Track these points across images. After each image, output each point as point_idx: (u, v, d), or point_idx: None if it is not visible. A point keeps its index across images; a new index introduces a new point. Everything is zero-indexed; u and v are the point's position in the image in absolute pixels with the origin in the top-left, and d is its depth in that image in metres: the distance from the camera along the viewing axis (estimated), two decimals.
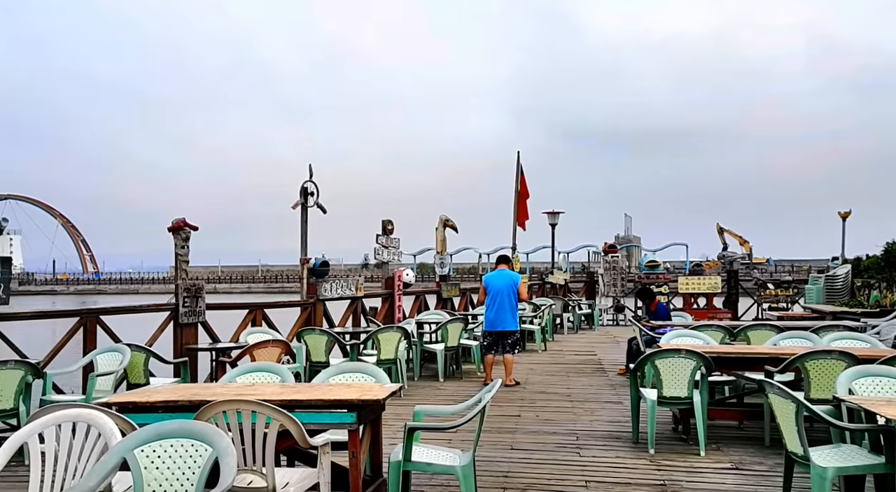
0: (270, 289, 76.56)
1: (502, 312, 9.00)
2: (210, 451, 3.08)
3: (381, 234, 11.79)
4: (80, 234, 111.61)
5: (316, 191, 10.05)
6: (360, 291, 10.98)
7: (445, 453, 4.18)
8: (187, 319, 8.41)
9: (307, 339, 8.59)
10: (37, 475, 3.32)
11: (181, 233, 8.29)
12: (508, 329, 9.02)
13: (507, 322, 9.00)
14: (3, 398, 5.96)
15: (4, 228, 16.30)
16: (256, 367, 5.28)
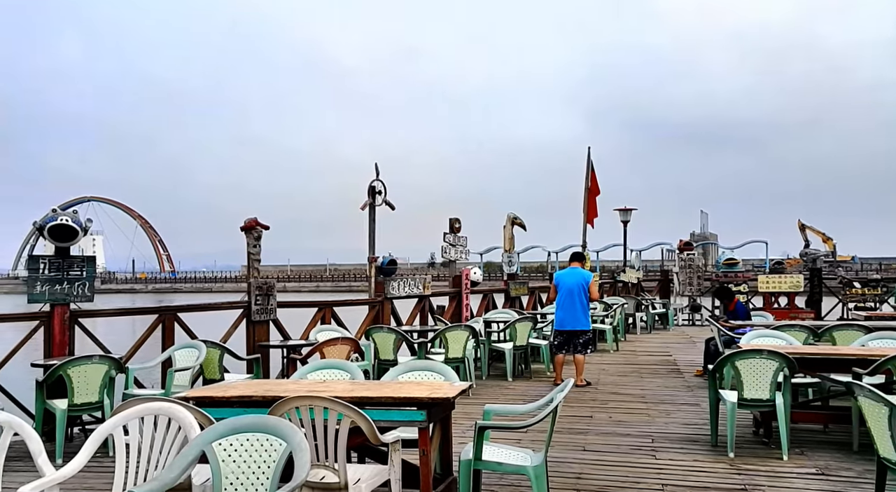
0: (338, 287, 78.13)
1: (573, 311, 8.91)
2: (284, 446, 3.17)
3: (448, 232, 11.84)
4: (157, 234, 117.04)
5: (383, 189, 10.19)
6: (428, 289, 11.06)
7: (516, 453, 4.16)
8: (259, 317, 8.68)
9: (375, 337, 8.73)
10: (121, 466, 3.50)
11: (253, 232, 8.56)
12: (579, 328, 8.92)
13: (578, 321, 8.91)
14: (89, 391, 6.30)
15: (89, 229, 17.43)
16: (327, 364, 5.39)
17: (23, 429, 3.52)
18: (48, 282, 6.93)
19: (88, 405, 6.31)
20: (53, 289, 6.95)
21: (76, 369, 6.21)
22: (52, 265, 6.95)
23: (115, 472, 3.45)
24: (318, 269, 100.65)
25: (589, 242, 15.93)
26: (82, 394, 6.24)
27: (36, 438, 3.53)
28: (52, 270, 6.95)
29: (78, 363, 6.25)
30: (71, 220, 6.73)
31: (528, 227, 14.04)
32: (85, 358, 6.38)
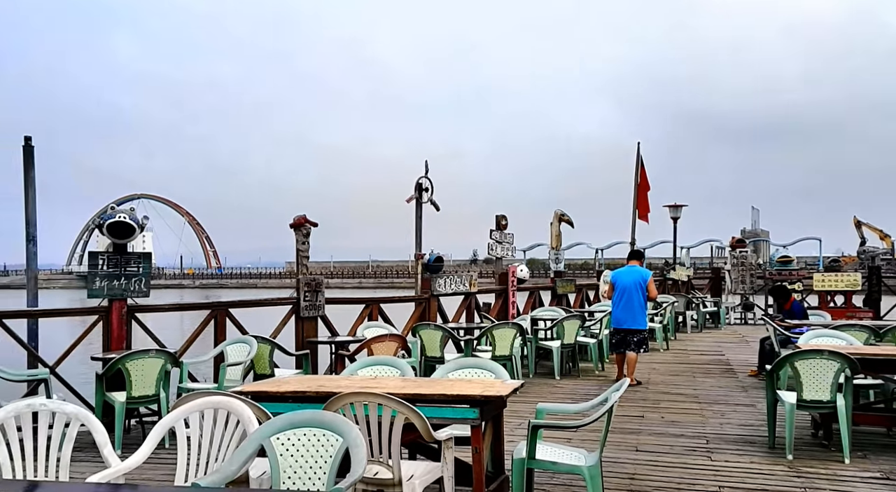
0: (380, 284, 78.86)
1: (629, 310, 8.85)
2: (341, 441, 3.22)
3: (494, 229, 11.83)
4: (204, 231, 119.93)
5: (430, 187, 10.24)
6: (474, 286, 11.08)
7: (570, 452, 4.14)
8: (308, 313, 8.82)
9: (422, 334, 8.78)
10: (183, 457, 3.61)
11: (302, 229, 8.70)
12: (636, 328, 8.86)
13: (634, 320, 8.85)
14: (145, 385, 6.49)
15: (145, 226, 17.84)
16: (377, 361, 5.45)
17: (89, 421, 3.66)
18: (106, 277, 7.17)
19: (145, 398, 6.51)
20: (112, 284, 7.19)
21: (134, 362, 6.41)
22: (110, 261, 7.19)
23: (176, 464, 3.56)
24: (361, 265, 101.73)
25: (637, 239, 15.75)
26: (140, 387, 6.44)
27: (102, 430, 3.67)
28: (110, 266, 7.18)
29: (136, 357, 6.45)
30: (128, 217, 6.94)
31: (573, 224, 13.92)
32: (142, 352, 6.58)
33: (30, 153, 7.50)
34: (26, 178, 7.47)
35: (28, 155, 7.49)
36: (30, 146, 7.49)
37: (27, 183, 7.48)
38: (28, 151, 7.49)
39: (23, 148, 7.47)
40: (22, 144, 7.46)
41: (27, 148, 7.48)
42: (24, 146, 7.48)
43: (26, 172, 7.47)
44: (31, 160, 7.50)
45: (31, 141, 7.48)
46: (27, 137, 7.46)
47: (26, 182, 7.47)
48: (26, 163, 7.47)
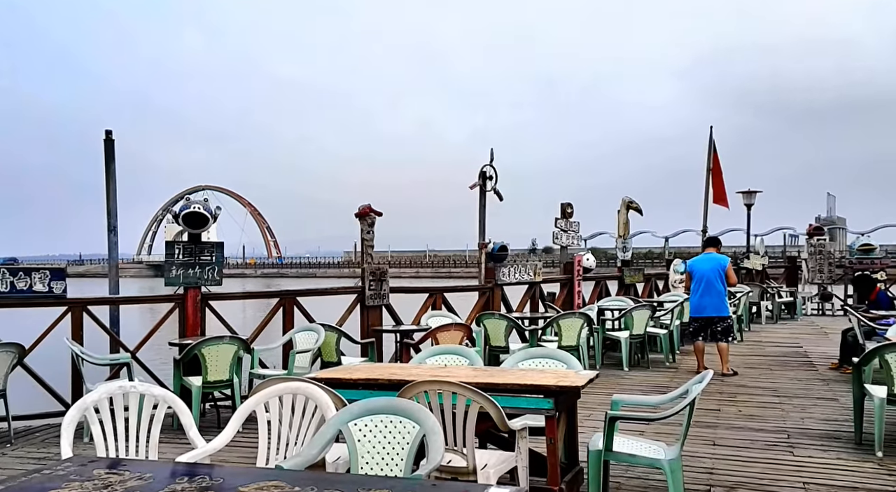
0: (438, 273, 79.25)
1: (708, 297, 8.73)
2: (417, 428, 3.27)
3: (559, 217, 11.73)
4: (265, 221, 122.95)
5: (495, 175, 10.23)
6: (539, 275, 11.03)
7: (648, 445, 4.10)
8: (373, 302, 8.96)
9: (486, 323, 8.81)
10: (264, 441, 3.74)
11: (367, 219, 8.83)
12: (717, 315, 8.73)
13: (714, 307, 8.73)
14: (219, 370, 6.75)
15: (218, 216, 18.50)
16: (445, 349, 5.50)
17: (176, 403, 3.84)
18: (182, 266, 7.46)
19: (219, 383, 6.76)
20: (187, 273, 7.48)
21: (209, 348, 6.67)
22: (185, 250, 7.47)
23: (249, 447, 3.70)
24: (418, 255, 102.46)
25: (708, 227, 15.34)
26: (214, 372, 6.69)
27: (188, 412, 3.84)
28: (185, 255, 7.47)
29: (211, 343, 6.70)
30: (202, 207, 7.20)
31: (641, 211, 13.67)
32: (217, 339, 6.84)
33: (110, 146, 7.86)
34: (107, 170, 7.83)
35: (109, 148, 7.85)
36: (110, 140, 7.85)
37: (108, 175, 7.84)
38: (109, 145, 7.85)
39: (104, 141, 7.85)
40: (103, 137, 7.82)
41: (108, 141, 7.84)
42: (105, 140, 7.85)
43: (107, 164, 7.83)
44: (111, 153, 7.86)
45: (111, 135, 7.84)
46: (108, 131, 7.82)
47: (107, 174, 7.83)
48: (107, 156, 7.83)
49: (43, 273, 7.03)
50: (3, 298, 6.81)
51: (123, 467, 2.95)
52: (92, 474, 2.82)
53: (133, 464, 3.07)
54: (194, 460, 3.40)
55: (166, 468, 3.01)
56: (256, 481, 2.68)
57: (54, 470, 2.87)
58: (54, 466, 2.93)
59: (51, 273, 7.08)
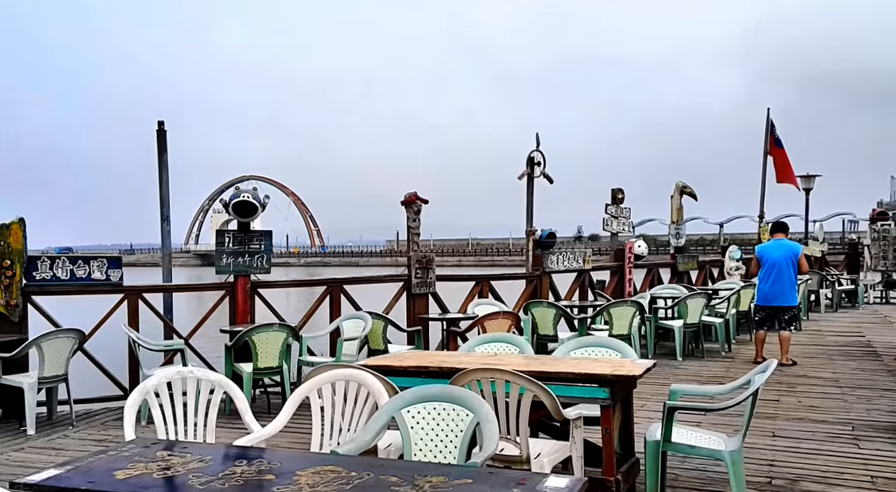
0: (481, 262, 79.21)
1: (779, 286, 8.51)
2: (471, 416, 3.29)
3: (610, 203, 11.59)
4: (308, 210, 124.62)
5: (543, 160, 10.15)
6: (588, 263, 10.92)
7: (708, 436, 4.04)
8: (419, 290, 9.00)
9: (534, 311, 8.78)
10: (317, 426, 3.81)
11: (413, 206, 8.86)
12: (786, 304, 8.53)
13: (784, 297, 8.52)
14: (269, 357, 6.89)
15: (266, 205, 18.79)
16: (495, 337, 5.50)
17: (231, 389, 3.94)
18: (232, 254, 7.63)
19: (269, 369, 6.91)
20: (237, 261, 7.65)
21: (259, 335, 6.82)
22: (235, 239, 7.64)
23: (312, 432, 3.77)
24: (460, 243, 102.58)
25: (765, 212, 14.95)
26: (264, 359, 6.84)
27: (243, 397, 3.94)
28: (235, 243, 7.63)
29: (261, 330, 6.85)
30: (251, 196, 7.34)
31: (696, 196, 13.39)
32: (266, 326, 6.99)
33: (163, 137, 8.07)
34: (160, 160, 8.05)
35: (161, 139, 8.06)
36: (163, 130, 8.06)
37: (161, 165, 8.05)
38: (161, 135, 8.06)
39: (156, 132, 8.06)
40: (156, 128, 8.04)
41: (160, 132, 8.06)
42: (158, 130, 8.06)
43: (160, 155, 8.05)
44: (164, 144, 8.07)
45: (163, 126, 8.04)
46: (160, 122, 8.03)
47: (160, 164, 8.04)
48: (160, 146, 8.04)
49: (101, 261, 7.29)
50: (63, 285, 7.09)
51: (184, 449, 3.05)
52: (155, 455, 2.91)
53: (193, 446, 3.17)
54: (250, 443, 3.49)
55: (225, 451, 3.10)
56: (313, 466, 2.73)
57: (119, 451, 2.98)
58: (119, 447, 3.04)
59: (108, 262, 7.34)
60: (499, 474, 2.72)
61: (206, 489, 2.50)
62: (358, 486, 2.50)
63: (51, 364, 6.30)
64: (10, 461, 5.34)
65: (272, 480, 2.61)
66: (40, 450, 5.67)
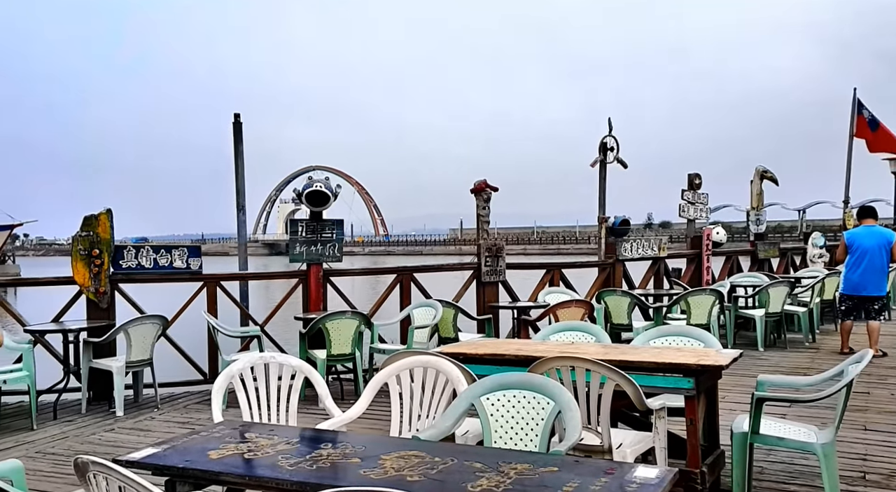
0: (546, 250, 78.63)
1: (870, 274, 8.17)
2: (552, 405, 3.28)
3: (686, 189, 11.30)
4: (372, 199, 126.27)
5: (616, 145, 9.98)
6: (664, 250, 10.70)
7: (798, 429, 3.91)
8: (489, 278, 9.01)
9: (608, 300, 8.67)
10: (396, 412, 3.89)
11: (482, 194, 8.86)
12: (876, 294, 8.20)
13: (874, 286, 8.19)
14: (343, 344, 7.04)
15: (338, 194, 19.36)
16: (570, 326, 5.46)
17: (312, 374, 4.05)
18: (305, 243, 7.82)
19: (342, 356, 7.06)
20: (310, 250, 7.84)
21: (333, 323, 6.97)
22: (308, 228, 7.82)
23: (391, 418, 3.85)
24: (525, 232, 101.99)
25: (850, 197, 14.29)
26: (338, 346, 7.00)
27: (323, 382, 4.04)
28: (308, 232, 7.82)
29: (334, 318, 7.01)
30: (324, 186, 7.50)
31: (777, 181, 12.92)
32: (339, 313, 7.14)
33: (239, 129, 8.34)
34: (236, 151, 8.32)
35: (237, 130, 8.33)
36: (238, 122, 8.33)
37: (237, 156, 8.32)
38: (237, 127, 8.34)
39: (232, 124, 8.34)
40: (232, 121, 8.31)
41: (236, 124, 8.33)
42: (234, 123, 8.34)
43: (236, 146, 8.32)
44: (240, 135, 8.34)
45: (239, 118, 8.31)
46: (236, 115, 8.31)
47: (236, 155, 8.31)
48: (236, 138, 8.31)
49: (182, 251, 7.60)
50: (147, 273, 7.44)
51: (271, 431, 3.16)
52: (244, 436, 3.03)
53: (279, 429, 3.28)
54: (332, 427, 3.58)
55: (310, 434, 3.19)
56: (397, 450, 2.79)
57: (210, 432, 3.11)
58: (209, 428, 3.18)
59: (188, 251, 7.65)
60: (585, 463, 2.70)
61: (295, 470, 2.59)
62: (443, 471, 2.54)
63: (137, 349, 6.62)
64: (102, 441, 5.65)
65: (358, 463, 2.67)
66: (129, 431, 5.98)
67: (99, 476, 2.12)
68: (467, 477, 2.45)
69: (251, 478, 2.62)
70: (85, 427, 6.09)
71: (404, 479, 2.47)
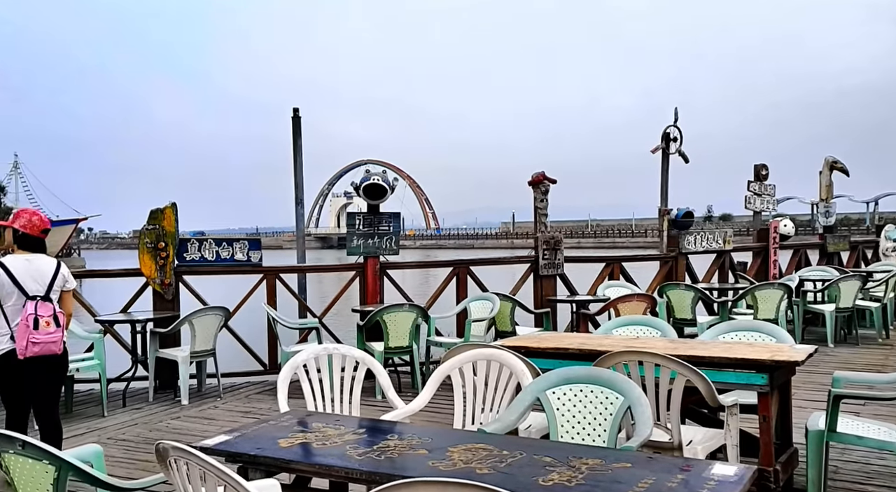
0: (601, 244, 77.57)
1: None
2: (621, 400, 3.23)
3: (752, 180, 10.99)
4: (423, 193, 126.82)
5: (679, 136, 9.76)
6: (729, 243, 10.44)
7: (877, 427, 3.77)
8: (547, 272, 8.94)
9: (670, 294, 8.52)
10: (459, 405, 3.89)
11: (540, 187, 8.79)
12: None
13: None
14: (400, 336, 7.10)
15: (395, 188, 19.72)
16: (633, 320, 5.38)
17: (375, 366, 4.09)
18: (362, 236, 7.90)
19: (399, 349, 7.12)
20: (367, 243, 7.91)
21: (390, 315, 7.04)
22: (365, 221, 7.91)
23: (454, 410, 3.86)
24: (579, 225, 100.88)
25: None
26: (395, 338, 7.06)
27: (385, 374, 4.08)
28: (365, 225, 7.90)
29: (392, 311, 7.07)
30: (381, 179, 7.57)
31: (847, 172, 12.45)
32: (397, 306, 7.20)
33: (297, 123, 8.49)
34: (295, 146, 8.47)
35: (296, 125, 8.48)
36: (297, 117, 8.49)
37: (295, 150, 8.47)
38: (296, 122, 8.49)
39: (291, 119, 8.51)
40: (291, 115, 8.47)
41: (295, 119, 8.49)
42: (293, 117, 8.51)
43: (295, 140, 8.47)
44: (298, 130, 8.49)
45: (298, 112, 8.46)
46: (295, 109, 8.46)
47: (295, 150, 8.46)
48: (294, 132, 8.46)
49: (242, 243, 7.79)
50: (209, 265, 7.65)
51: (337, 421, 3.21)
52: (311, 426, 3.09)
53: (344, 419, 3.32)
54: (398, 418, 3.61)
55: (375, 425, 3.23)
56: (463, 443, 2.79)
57: (279, 421, 3.18)
58: (278, 417, 3.25)
59: (249, 243, 7.84)
60: (659, 459, 2.66)
61: (364, 460, 2.63)
62: (512, 464, 2.54)
63: (201, 339, 6.82)
64: (169, 428, 5.85)
65: (425, 454, 2.69)
66: (194, 419, 6.17)
67: (180, 461, 2.19)
68: (538, 471, 2.44)
69: (321, 467, 2.66)
70: (153, 415, 6.31)
71: (473, 471, 2.47)
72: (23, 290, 4.22)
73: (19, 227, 4.35)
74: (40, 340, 4.20)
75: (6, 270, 4.22)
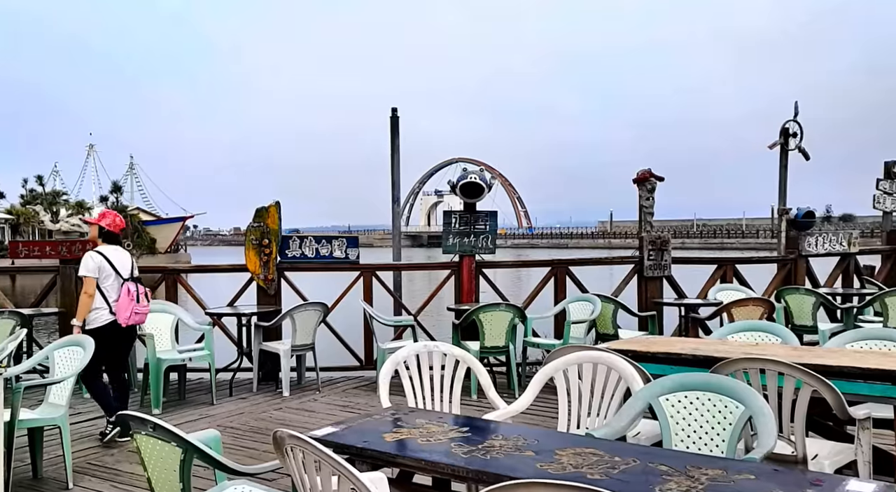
0: (707, 245, 74.93)
1: None
2: (742, 409, 3.11)
3: (882, 178, 10.33)
4: (515, 191, 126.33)
5: (800, 132, 9.29)
6: (855, 246, 9.84)
7: None
8: (652, 273, 8.71)
9: (789, 298, 8.14)
10: (564, 407, 3.86)
11: (646, 184, 8.58)
12: None
13: None
14: (496, 336, 7.12)
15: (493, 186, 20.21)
16: (752, 325, 5.18)
17: (475, 365, 4.12)
18: (458, 235, 7.98)
19: (495, 348, 7.14)
20: (463, 241, 7.98)
21: (486, 314, 7.07)
22: (461, 219, 7.97)
23: (559, 412, 3.83)
24: (684, 224, 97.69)
25: None
26: (491, 338, 7.09)
27: (486, 373, 4.10)
28: (461, 224, 7.97)
29: (488, 310, 7.10)
30: (478, 177, 7.62)
31: None
32: (493, 305, 7.22)
33: (395, 123, 8.69)
34: (392, 145, 8.66)
35: (394, 124, 8.68)
36: (395, 117, 8.69)
37: (393, 149, 8.67)
38: (394, 121, 8.70)
39: (390, 119, 8.72)
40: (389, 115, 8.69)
41: (393, 118, 8.70)
42: (391, 117, 8.71)
43: (393, 139, 8.66)
44: (396, 129, 8.69)
45: (396, 112, 8.66)
46: (393, 109, 8.68)
47: (393, 149, 8.66)
48: (392, 131, 8.66)
49: (341, 241, 8.04)
50: (310, 262, 7.94)
51: (440, 418, 3.24)
52: (415, 422, 3.13)
53: (446, 417, 3.36)
54: (501, 418, 3.62)
55: (479, 424, 3.24)
56: (572, 446, 2.76)
57: (383, 416, 3.25)
58: (382, 412, 3.32)
59: (347, 241, 8.08)
60: (786, 472, 2.55)
61: (469, 459, 2.64)
62: (625, 471, 2.48)
63: (301, 334, 7.08)
64: (273, 419, 6.11)
65: (532, 456, 2.68)
66: (296, 410, 6.42)
67: (296, 450, 2.28)
68: (653, 479, 2.38)
69: (427, 462, 2.70)
70: (257, 405, 6.62)
71: (584, 476, 2.44)
72: (119, 273, 5.38)
73: (105, 225, 5.47)
74: (141, 311, 5.43)
75: (105, 257, 5.37)
